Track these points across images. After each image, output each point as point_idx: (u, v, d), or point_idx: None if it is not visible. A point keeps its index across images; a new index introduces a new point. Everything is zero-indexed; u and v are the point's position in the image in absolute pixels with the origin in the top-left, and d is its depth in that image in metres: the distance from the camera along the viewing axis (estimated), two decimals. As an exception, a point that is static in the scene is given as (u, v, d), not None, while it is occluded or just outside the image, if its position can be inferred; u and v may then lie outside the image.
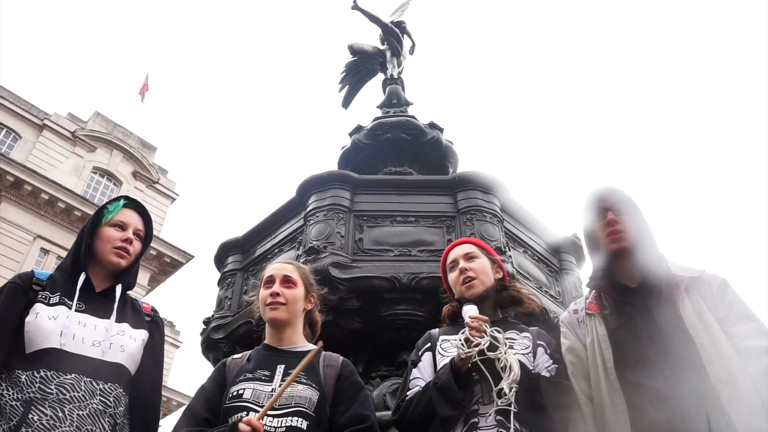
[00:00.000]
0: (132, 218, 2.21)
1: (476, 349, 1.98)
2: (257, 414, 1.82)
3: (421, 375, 2.19)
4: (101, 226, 2.16)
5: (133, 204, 2.26)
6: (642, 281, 2.11)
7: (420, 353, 2.26)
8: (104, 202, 2.25)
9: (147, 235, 2.27)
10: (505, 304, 2.36)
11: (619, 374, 1.97)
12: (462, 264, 2.34)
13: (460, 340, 2.04)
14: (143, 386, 2.06)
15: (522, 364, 2.02)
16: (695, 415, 1.76)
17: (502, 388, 1.90)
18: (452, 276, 2.38)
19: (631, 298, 2.09)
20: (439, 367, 2.15)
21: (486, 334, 2.01)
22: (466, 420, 1.99)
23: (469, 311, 2.14)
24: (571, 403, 2.06)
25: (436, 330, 2.34)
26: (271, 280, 2.24)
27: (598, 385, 2.02)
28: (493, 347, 2.00)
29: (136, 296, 2.30)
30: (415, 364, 2.24)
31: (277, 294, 2.19)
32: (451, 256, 2.45)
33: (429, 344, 2.28)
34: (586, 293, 2.33)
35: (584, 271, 4.90)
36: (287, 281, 2.24)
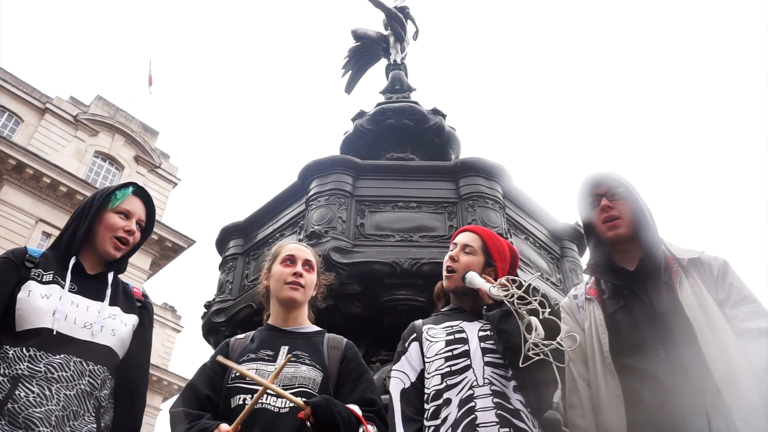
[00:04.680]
0: (137, 207, 2.18)
1: (514, 291, 1.95)
2: (233, 424, 1.79)
3: (410, 364, 2.18)
4: (105, 211, 2.12)
5: (139, 192, 2.23)
6: (640, 264, 2.11)
7: (407, 344, 2.26)
8: (112, 186, 2.20)
9: (148, 225, 2.24)
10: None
11: (615, 358, 1.98)
12: (452, 252, 2.32)
13: (495, 285, 2.03)
14: (131, 371, 2.03)
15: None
16: (696, 414, 1.75)
17: (532, 342, 1.84)
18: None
19: (629, 281, 2.09)
20: (427, 354, 2.14)
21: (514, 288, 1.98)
22: (461, 405, 1.95)
23: (473, 277, 2.14)
24: (568, 386, 2.07)
25: (420, 321, 2.34)
26: (291, 260, 2.25)
27: (594, 369, 2.03)
28: (524, 301, 1.94)
29: (137, 281, 2.29)
30: (401, 354, 2.24)
31: (300, 275, 2.21)
32: (455, 238, 2.42)
33: (415, 335, 2.26)
34: (587, 279, 2.33)
35: (585, 258, 4.90)
36: (307, 265, 2.26)
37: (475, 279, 2.14)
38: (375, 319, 3.78)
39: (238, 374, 1.97)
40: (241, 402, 1.92)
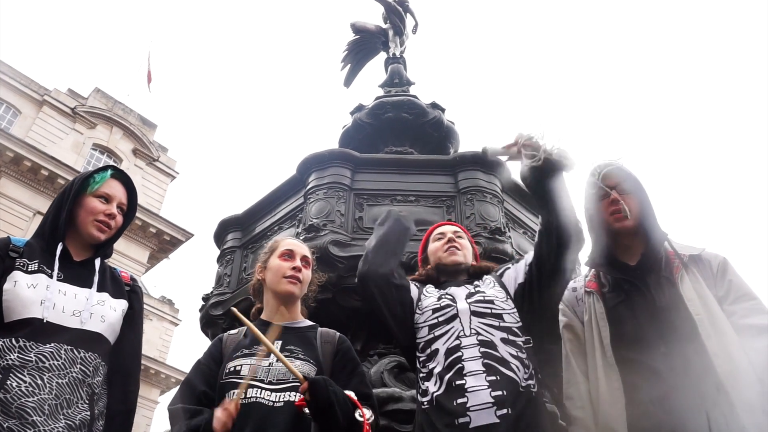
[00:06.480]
0: (117, 191, 2.16)
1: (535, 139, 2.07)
2: (234, 398, 1.84)
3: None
4: (85, 195, 2.10)
5: (119, 175, 2.21)
6: (641, 259, 2.11)
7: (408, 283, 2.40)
8: (90, 170, 2.18)
9: (131, 208, 2.22)
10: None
11: (615, 351, 1.98)
12: (451, 236, 2.49)
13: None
14: (123, 356, 2.02)
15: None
16: (696, 409, 1.75)
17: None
18: (436, 245, 2.52)
19: (630, 275, 2.09)
20: (420, 305, 2.29)
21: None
22: (448, 354, 2.04)
23: (495, 147, 2.22)
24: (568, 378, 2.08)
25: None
26: (290, 255, 2.27)
27: (594, 362, 2.03)
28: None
29: (135, 274, 2.26)
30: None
31: (299, 270, 2.23)
32: (441, 229, 2.58)
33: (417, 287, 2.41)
34: (586, 272, 2.33)
35: (582, 252, 4.90)
36: (305, 261, 2.29)
37: (497, 148, 2.20)
38: (373, 312, 3.78)
39: (232, 370, 1.98)
40: (235, 396, 1.91)
